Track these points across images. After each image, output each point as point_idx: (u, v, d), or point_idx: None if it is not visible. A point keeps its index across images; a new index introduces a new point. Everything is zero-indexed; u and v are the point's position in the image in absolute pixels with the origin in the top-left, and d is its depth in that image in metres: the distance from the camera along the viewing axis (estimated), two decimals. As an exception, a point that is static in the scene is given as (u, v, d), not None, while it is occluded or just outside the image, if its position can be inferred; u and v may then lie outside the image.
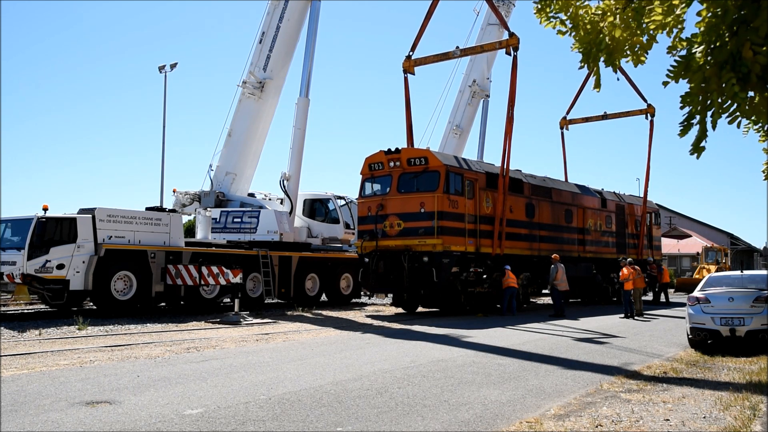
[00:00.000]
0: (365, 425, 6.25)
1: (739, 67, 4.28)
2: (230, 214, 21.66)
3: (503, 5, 30.39)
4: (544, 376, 9.15)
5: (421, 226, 19.14)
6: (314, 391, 7.67)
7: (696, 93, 4.46)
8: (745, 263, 57.37)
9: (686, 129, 4.62)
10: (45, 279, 16.55)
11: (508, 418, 6.63)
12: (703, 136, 4.54)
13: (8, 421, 6.24)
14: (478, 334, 14.16)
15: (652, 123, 30.41)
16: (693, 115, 4.54)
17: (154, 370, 9.24)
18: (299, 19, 22.52)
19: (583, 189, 27.19)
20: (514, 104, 20.88)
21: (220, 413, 6.57)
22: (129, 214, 18.35)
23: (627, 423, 6.51)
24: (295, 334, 14.22)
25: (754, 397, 7.67)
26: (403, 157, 19.98)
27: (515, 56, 20.58)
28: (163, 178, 47.09)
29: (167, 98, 35.84)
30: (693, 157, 4.67)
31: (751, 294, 11.64)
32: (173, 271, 18.52)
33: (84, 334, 13.73)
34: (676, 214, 57.46)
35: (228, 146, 22.78)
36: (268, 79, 22.35)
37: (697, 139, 4.58)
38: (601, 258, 26.97)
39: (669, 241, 49.27)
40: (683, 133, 4.63)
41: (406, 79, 22.77)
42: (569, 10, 5.51)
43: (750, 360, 10.85)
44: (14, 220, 17.38)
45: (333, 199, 24.29)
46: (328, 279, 23.15)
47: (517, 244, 22.08)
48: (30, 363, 9.85)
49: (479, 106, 32.87)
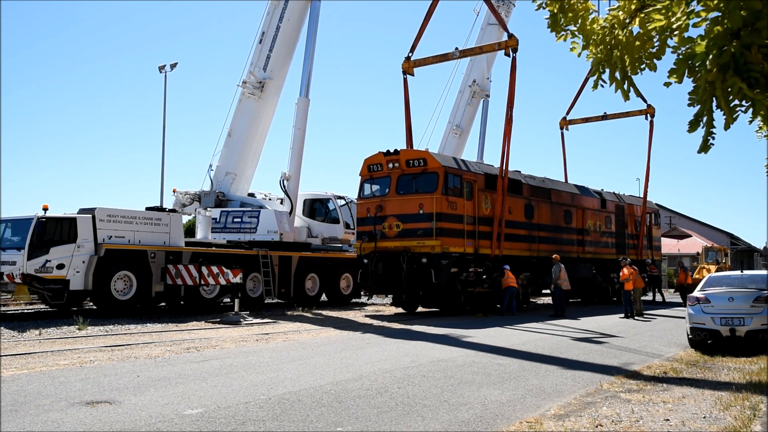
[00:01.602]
0: (365, 425, 6.25)
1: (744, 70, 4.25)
2: (230, 214, 21.67)
3: (503, 5, 30.34)
4: (544, 376, 9.16)
5: (420, 227, 19.14)
6: (314, 391, 7.67)
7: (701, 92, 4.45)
8: (745, 263, 57.37)
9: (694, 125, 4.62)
10: (45, 279, 16.55)
11: (508, 418, 6.64)
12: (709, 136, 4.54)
13: (8, 421, 6.24)
14: (478, 334, 14.17)
15: (652, 123, 30.44)
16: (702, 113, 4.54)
17: (154, 370, 9.24)
18: (299, 19, 22.54)
19: (583, 190, 27.16)
20: (513, 105, 20.91)
21: (220, 413, 6.58)
22: (129, 214, 18.35)
23: (627, 423, 6.52)
24: (295, 334, 14.22)
25: (754, 397, 7.67)
26: (402, 158, 19.97)
27: (514, 57, 20.59)
28: (163, 178, 47.12)
29: (167, 98, 35.86)
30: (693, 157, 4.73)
31: (751, 294, 11.65)
32: (173, 271, 18.53)
33: (84, 334, 13.73)
34: (676, 214, 57.45)
35: (228, 146, 22.80)
36: (268, 79, 22.36)
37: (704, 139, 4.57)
38: (600, 259, 26.96)
39: (669, 241, 49.26)
40: (692, 128, 4.64)
41: (405, 81, 22.75)
42: (578, 21, 5.51)
43: (750, 360, 10.86)
44: (14, 220, 17.38)
45: (333, 199, 24.30)
46: (328, 279, 23.15)
47: (516, 245, 22.07)
48: (30, 363, 9.85)
49: (479, 106, 32.88)
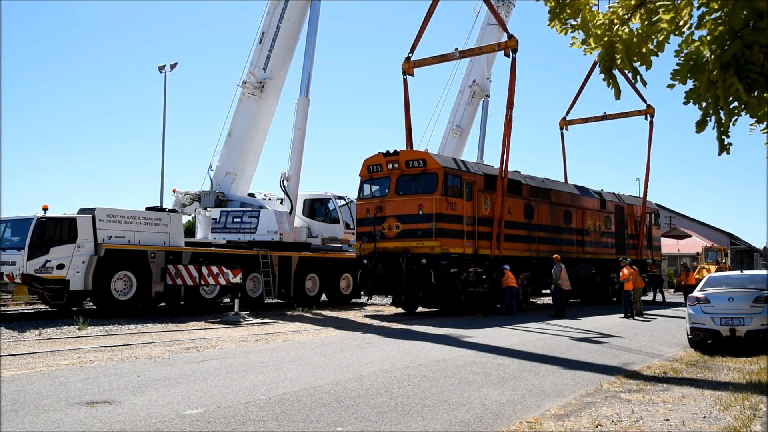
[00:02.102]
0: (365, 425, 6.25)
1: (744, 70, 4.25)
2: (230, 214, 21.67)
3: (503, 5, 30.31)
4: (544, 376, 9.16)
5: (420, 228, 19.13)
6: (314, 391, 7.67)
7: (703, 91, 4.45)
8: (745, 263, 57.37)
9: (702, 125, 4.62)
10: (45, 279, 16.55)
11: (508, 418, 6.64)
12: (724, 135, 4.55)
13: (8, 421, 6.24)
14: (478, 334, 14.17)
15: (652, 123, 30.44)
16: (707, 113, 4.54)
17: (154, 370, 9.24)
18: (299, 19, 22.54)
19: (582, 190, 27.15)
20: (513, 106, 20.89)
21: (220, 413, 6.57)
22: (129, 214, 18.34)
23: (627, 423, 6.52)
24: (295, 334, 14.22)
25: (754, 397, 7.67)
26: (402, 159, 19.96)
27: (514, 58, 20.56)
28: (163, 178, 47.26)
29: (167, 98, 35.88)
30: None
31: (751, 294, 11.65)
32: (173, 271, 18.52)
33: (84, 334, 13.73)
34: (676, 214, 57.44)
35: (228, 146, 22.79)
36: (268, 79, 22.36)
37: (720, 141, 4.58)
38: (600, 259, 26.95)
39: (669, 241, 49.24)
40: (700, 128, 4.64)
41: (405, 81, 22.70)
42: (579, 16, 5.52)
43: (750, 360, 10.85)
44: (14, 220, 17.37)
45: (333, 199, 24.29)
46: (328, 279, 23.15)
47: (516, 246, 22.06)
48: (30, 363, 9.85)
49: (479, 105, 32.87)
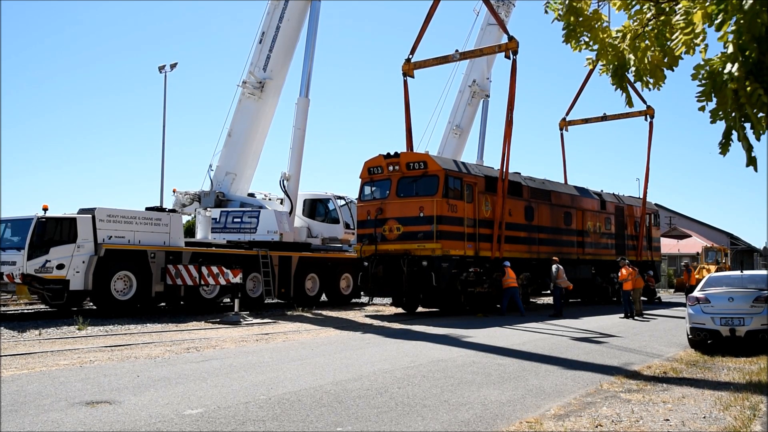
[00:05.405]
0: (365, 425, 6.25)
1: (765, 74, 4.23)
2: (230, 214, 21.66)
3: (503, 5, 30.27)
4: (544, 376, 9.16)
5: (420, 230, 19.10)
6: (314, 391, 7.67)
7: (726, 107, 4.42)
8: (745, 263, 57.38)
9: (725, 146, 4.61)
10: (45, 279, 16.54)
11: (508, 418, 6.64)
12: (750, 148, 4.53)
13: (8, 421, 6.24)
14: (478, 334, 14.17)
15: (652, 124, 30.41)
16: (730, 130, 4.52)
17: (154, 370, 9.24)
18: (299, 19, 22.52)
19: (582, 191, 27.14)
20: (514, 107, 20.84)
21: (220, 413, 6.57)
22: (129, 214, 18.34)
23: (627, 423, 6.52)
24: (295, 334, 14.22)
25: (754, 397, 7.67)
26: (402, 161, 19.94)
27: (514, 60, 20.48)
28: (163, 178, 47.22)
29: (167, 98, 35.87)
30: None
31: (751, 294, 11.64)
32: (173, 271, 18.52)
33: (84, 334, 13.73)
34: (676, 214, 57.45)
35: (228, 146, 22.78)
36: (268, 79, 22.34)
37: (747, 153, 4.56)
38: (600, 260, 26.95)
39: (669, 241, 49.26)
40: (724, 151, 4.64)
41: (405, 83, 22.63)
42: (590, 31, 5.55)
43: (750, 360, 10.85)
44: (14, 220, 17.36)
45: (333, 199, 24.28)
46: (328, 279, 23.14)
47: (516, 248, 22.06)
48: (30, 363, 9.85)
49: (479, 106, 32.87)
